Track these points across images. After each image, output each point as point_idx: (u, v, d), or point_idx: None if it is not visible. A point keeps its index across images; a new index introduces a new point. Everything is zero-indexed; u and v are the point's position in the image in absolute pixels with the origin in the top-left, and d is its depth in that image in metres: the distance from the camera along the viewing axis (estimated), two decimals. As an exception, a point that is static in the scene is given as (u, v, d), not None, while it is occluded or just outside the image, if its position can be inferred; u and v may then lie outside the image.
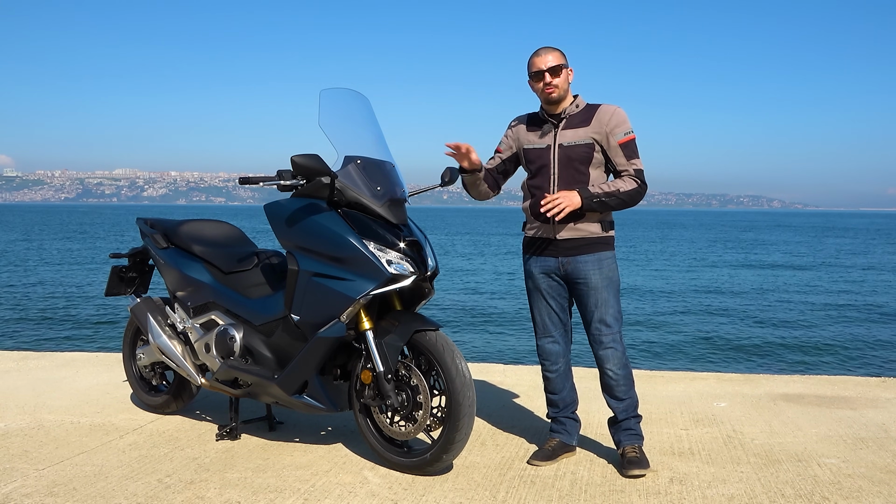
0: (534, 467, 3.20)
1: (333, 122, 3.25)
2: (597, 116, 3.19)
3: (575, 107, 3.24)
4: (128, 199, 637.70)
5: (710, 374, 5.08)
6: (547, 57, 3.18)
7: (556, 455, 3.30)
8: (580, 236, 3.20)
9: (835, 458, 3.34)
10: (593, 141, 3.17)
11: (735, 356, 11.27)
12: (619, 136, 3.16)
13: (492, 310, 15.81)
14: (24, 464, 3.24)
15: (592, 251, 3.20)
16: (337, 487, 2.97)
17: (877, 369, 10.29)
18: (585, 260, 3.19)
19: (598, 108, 3.21)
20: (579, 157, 3.17)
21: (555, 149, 3.21)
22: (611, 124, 3.16)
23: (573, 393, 3.41)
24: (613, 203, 3.14)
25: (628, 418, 3.25)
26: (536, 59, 3.20)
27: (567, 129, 3.21)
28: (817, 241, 51.27)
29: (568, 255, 3.21)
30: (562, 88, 3.19)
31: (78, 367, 5.15)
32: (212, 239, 3.86)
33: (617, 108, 3.20)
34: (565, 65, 3.20)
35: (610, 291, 3.21)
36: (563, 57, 3.21)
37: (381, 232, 3.10)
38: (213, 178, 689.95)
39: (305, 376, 3.19)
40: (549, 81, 3.17)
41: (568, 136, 3.20)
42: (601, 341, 3.21)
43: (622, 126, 3.17)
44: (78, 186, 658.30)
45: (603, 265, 3.20)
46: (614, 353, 3.21)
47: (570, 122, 3.22)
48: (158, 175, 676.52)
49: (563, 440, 3.35)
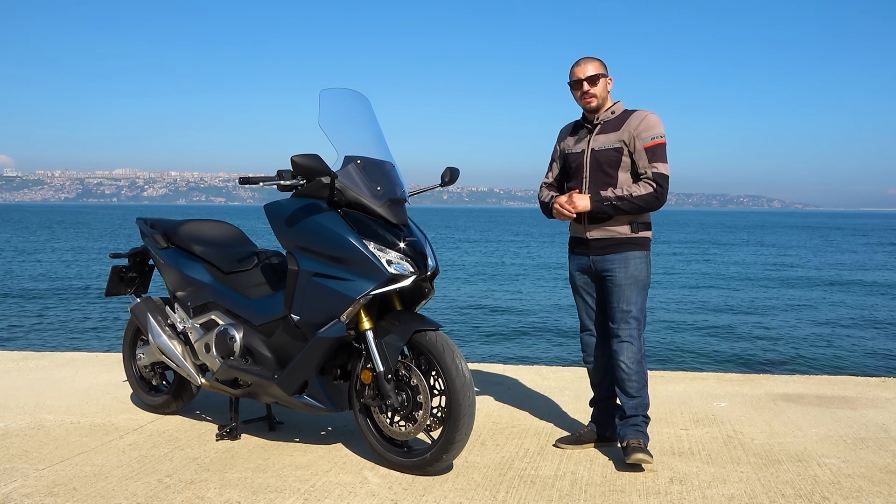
0: (534, 468, 3.20)
1: (333, 122, 3.26)
2: (628, 121, 3.26)
3: (611, 113, 3.33)
4: (128, 199, 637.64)
5: (710, 374, 5.08)
6: (586, 67, 3.28)
7: (582, 441, 3.47)
8: (609, 236, 3.31)
9: (835, 458, 3.34)
10: (622, 145, 3.25)
11: (735, 356, 11.27)
12: (645, 140, 3.22)
13: (493, 310, 15.82)
14: (24, 464, 3.24)
15: (620, 251, 3.29)
16: (337, 487, 2.97)
17: (877, 369, 10.30)
18: (613, 259, 3.29)
19: (632, 114, 3.28)
20: (608, 160, 3.26)
21: (588, 153, 3.32)
22: (639, 128, 3.23)
23: (613, 388, 3.45)
24: (626, 207, 3.20)
25: (637, 415, 3.29)
26: (576, 69, 3.30)
27: (600, 135, 3.31)
28: (817, 241, 51.27)
29: (598, 254, 3.33)
30: (599, 97, 3.29)
31: (78, 367, 5.15)
32: (212, 239, 3.86)
33: (649, 114, 3.27)
34: (604, 74, 3.29)
35: (633, 290, 3.28)
36: (603, 67, 3.30)
37: (381, 232, 3.10)
38: (213, 178, 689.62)
39: (305, 376, 3.19)
40: (587, 90, 3.27)
41: (600, 141, 3.29)
42: (618, 335, 3.30)
43: (651, 130, 3.23)
44: (78, 186, 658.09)
45: (629, 265, 3.27)
46: (629, 347, 3.27)
47: (603, 128, 3.31)
48: (158, 175, 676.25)
49: (594, 429, 3.50)
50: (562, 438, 3.51)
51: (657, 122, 3.25)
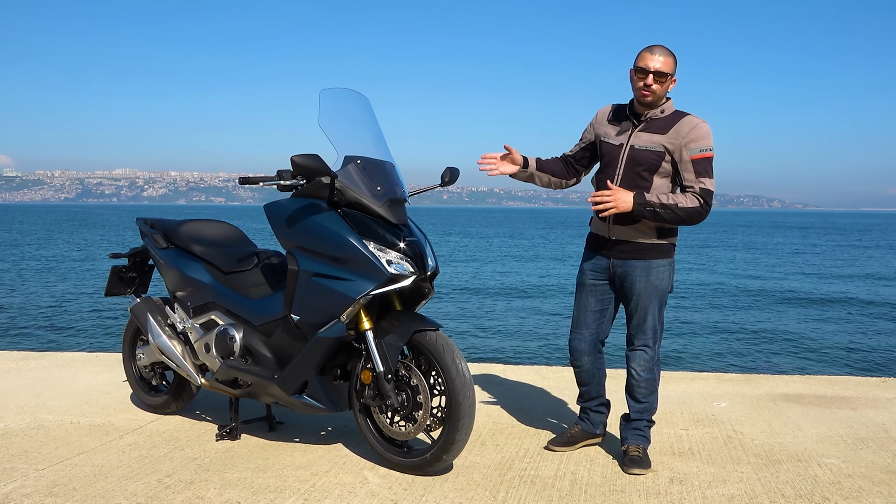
0: (534, 468, 3.20)
1: (333, 122, 3.25)
2: (677, 126, 3.07)
3: (660, 112, 3.12)
4: (128, 199, 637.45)
5: (710, 374, 5.08)
6: (659, 59, 3.03)
7: (575, 442, 3.42)
8: (634, 240, 3.15)
9: (835, 458, 3.34)
10: (664, 150, 3.07)
11: (735, 356, 11.27)
12: (694, 151, 3.04)
13: (493, 310, 15.81)
14: (23, 464, 3.24)
15: (644, 257, 3.16)
16: (337, 487, 2.97)
17: (877, 369, 10.30)
18: (635, 265, 3.17)
19: (682, 118, 3.09)
20: (646, 162, 3.09)
21: (626, 148, 3.14)
22: (689, 137, 3.04)
23: (601, 388, 3.45)
24: (668, 216, 3.02)
25: (641, 420, 3.29)
26: (648, 55, 3.05)
27: (644, 132, 3.12)
28: (817, 240, 51.26)
29: (620, 258, 3.20)
30: (658, 95, 3.08)
31: (78, 367, 5.14)
32: (212, 239, 3.86)
33: (702, 122, 3.07)
34: (672, 74, 3.06)
35: (653, 299, 3.18)
36: (674, 65, 3.07)
37: (381, 232, 3.10)
38: (213, 178, 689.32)
39: (305, 376, 3.19)
40: (650, 84, 3.04)
41: (642, 140, 3.11)
42: (632, 342, 3.28)
43: (700, 142, 3.04)
44: (78, 186, 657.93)
45: (651, 273, 3.16)
46: (642, 356, 3.25)
47: (649, 126, 3.12)
48: (158, 175, 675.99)
49: (583, 428, 3.45)
50: (553, 440, 3.45)
51: (708, 132, 3.05)
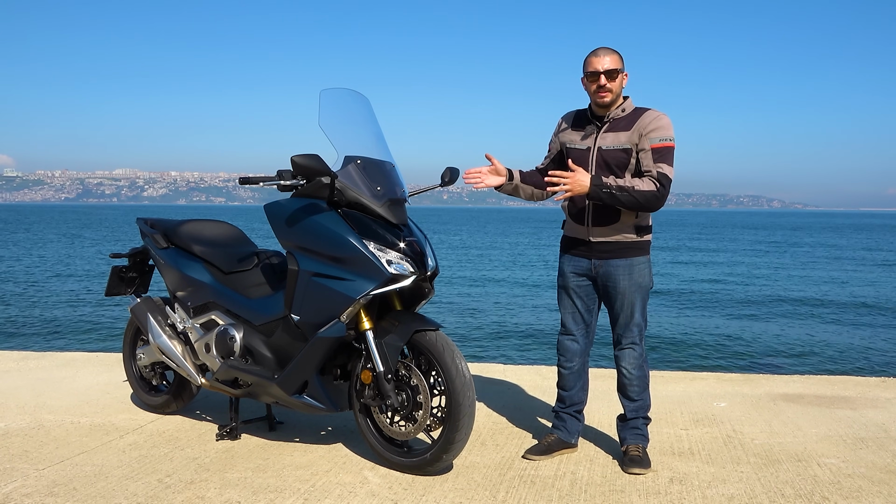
0: (534, 468, 3.20)
1: (333, 123, 3.26)
2: (639, 121, 3.13)
3: (621, 111, 3.18)
4: (128, 199, 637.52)
5: (710, 374, 5.08)
6: (605, 58, 3.12)
7: (552, 451, 3.34)
8: (614, 240, 3.19)
9: (835, 458, 3.34)
10: (632, 146, 3.12)
11: (735, 356, 11.27)
12: (654, 140, 3.09)
13: (493, 310, 15.81)
14: (24, 464, 3.24)
15: (626, 256, 3.20)
16: (337, 487, 2.97)
17: (877, 369, 10.29)
18: (617, 264, 3.20)
19: (644, 113, 3.15)
20: (616, 161, 3.14)
21: (594, 151, 3.19)
22: (649, 127, 3.10)
23: (582, 393, 3.43)
24: (624, 199, 3.04)
25: (637, 418, 3.29)
26: (594, 59, 3.13)
27: (608, 133, 3.17)
28: (817, 240, 51.28)
29: (601, 258, 3.23)
30: (615, 93, 3.14)
31: (78, 367, 5.15)
32: (212, 239, 3.86)
33: (662, 115, 3.14)
34: (622, 69, 3.14)
35: (637, 296, 3.22)
36: (621, 61, 3.14)
37: (381, 232, 3.10)
38: (213, 178, 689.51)
39: (305, 376, 3.19)
40: (604, 84, 3.10)
41: (608, 140, 3.16)
42: (620, 342, 3.28)
43: (660, 132, 3.10)
44: (78, 186, 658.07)
45: (634, 271, 3.20)
46: (631, 354, 3.26)
47: (612, 126, 3.17)
48: (158, 175, 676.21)
49: (560, 437, 3.38)
50: (530, 449, 3.35)
51: (669, 124, 3.11)
